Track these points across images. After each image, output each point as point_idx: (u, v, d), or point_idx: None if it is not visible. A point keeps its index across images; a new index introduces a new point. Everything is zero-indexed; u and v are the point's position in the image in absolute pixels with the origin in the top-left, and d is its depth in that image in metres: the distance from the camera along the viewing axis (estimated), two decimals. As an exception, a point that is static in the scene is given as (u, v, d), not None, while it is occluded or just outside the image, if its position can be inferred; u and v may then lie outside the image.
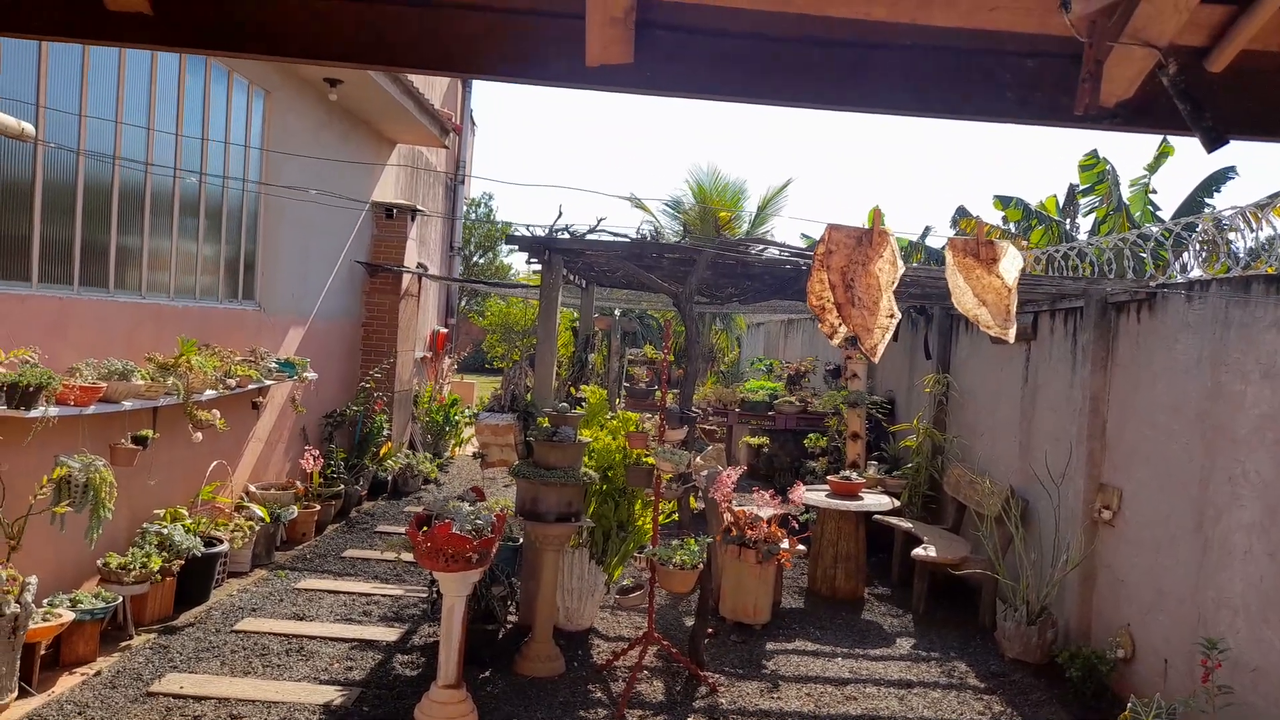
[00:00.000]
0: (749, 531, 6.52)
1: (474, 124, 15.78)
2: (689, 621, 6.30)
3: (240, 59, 6.98)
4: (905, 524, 8.00)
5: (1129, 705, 4.28)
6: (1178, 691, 4.86)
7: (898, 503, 8.16)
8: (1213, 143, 1.59)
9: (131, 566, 5.50)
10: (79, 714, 4.50)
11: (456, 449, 13.16)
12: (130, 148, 6.00)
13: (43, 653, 4.76)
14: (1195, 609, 4.94)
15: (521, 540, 6.37)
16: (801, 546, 7.05)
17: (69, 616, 4.86)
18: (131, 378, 5.51)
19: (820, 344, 13.68)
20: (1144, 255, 6.17)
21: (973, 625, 6.90)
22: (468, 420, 12.86)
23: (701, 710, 5.11)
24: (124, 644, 5.38)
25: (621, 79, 1.95)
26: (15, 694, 4.44)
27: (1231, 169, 11.49)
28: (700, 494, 6.78)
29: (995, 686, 5.71)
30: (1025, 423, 7.22)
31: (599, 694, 5.24)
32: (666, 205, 18.48)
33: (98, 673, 4.97)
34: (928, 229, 15.77)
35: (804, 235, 18.15)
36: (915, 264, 10.06)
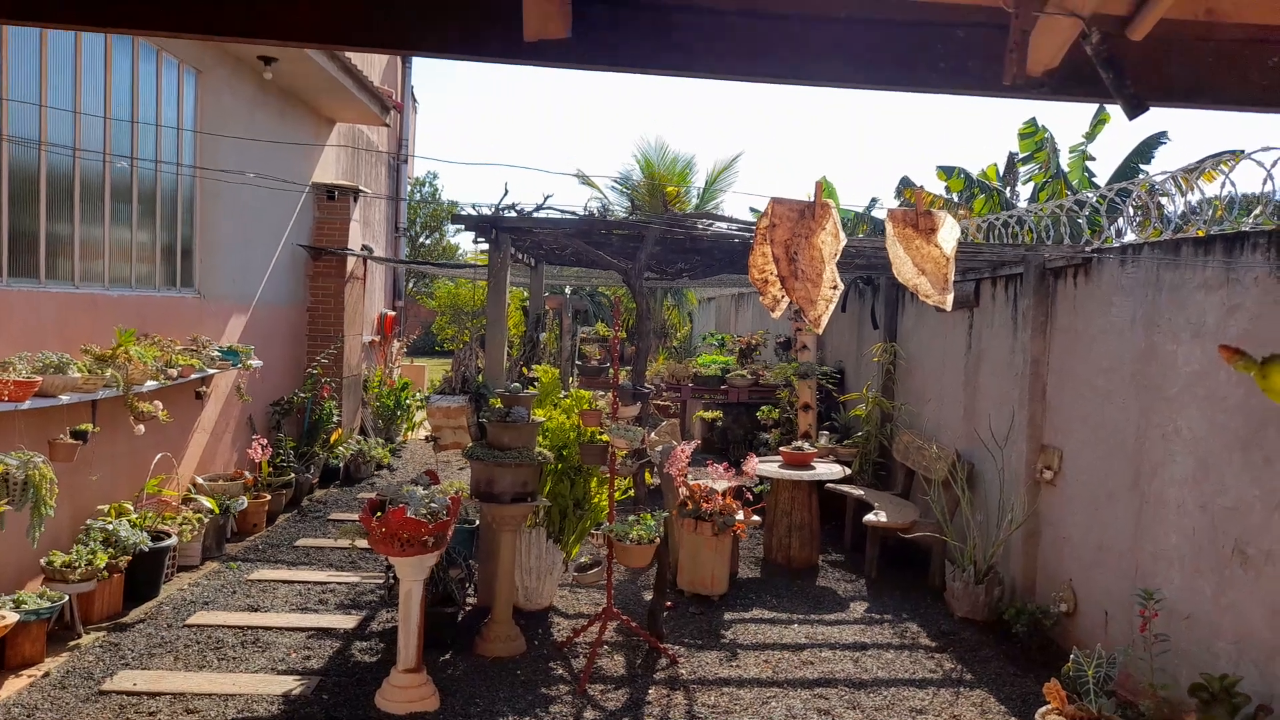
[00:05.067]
0: (704, 504, 6.59)
1: (415, 102, 15.50)
2: (648, 596, 6.37)
3: (168, 38, 6.78)
4: (857, 491, 8.16)
5: (1071, 656, 4.45)
6: (1118, 641, 5.06)
7: (849, 471, 8.31)
8: (1134, 110, 1.64)
9: (77, 564, 5.37)
10: (28, 716, 4.40)
11: (409, 433, 13.04)
12: (56, 132, 5.78)
13: (-14, 655, 4.65)
14: (1133, 562, 5.13)
15: (478, 522, 6.36)
16: (756, 517, 7.15)
17: (13, 618, 4.73)
18: (68, 370, 5.35)
19: (771, 317, 13.80)
20: (1081, 221, 6.33)
21: (923, 587, 7.08)
22: (419, 404, 12.74)
23: (662, 682, 5.18)
24: (73, 643, 5.26)
25: (560, 54, 1.94)
26: (-41, 699, 4.33)
27: (1164, 134, 11.79)
28: (655, 469, 6.82)
29: (946, 645, 5.88)
30: (970, 388, 7.39)
31: (560, 671, 5.28)
32: (615, 181, 18.42)
33: (46, 674, 4.86)
34: (874, 201, 15.95)
35: (752, 209, 18.23)
36: (861, 235, 10.19)
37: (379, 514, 4.63)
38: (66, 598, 5.22)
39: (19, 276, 5.51)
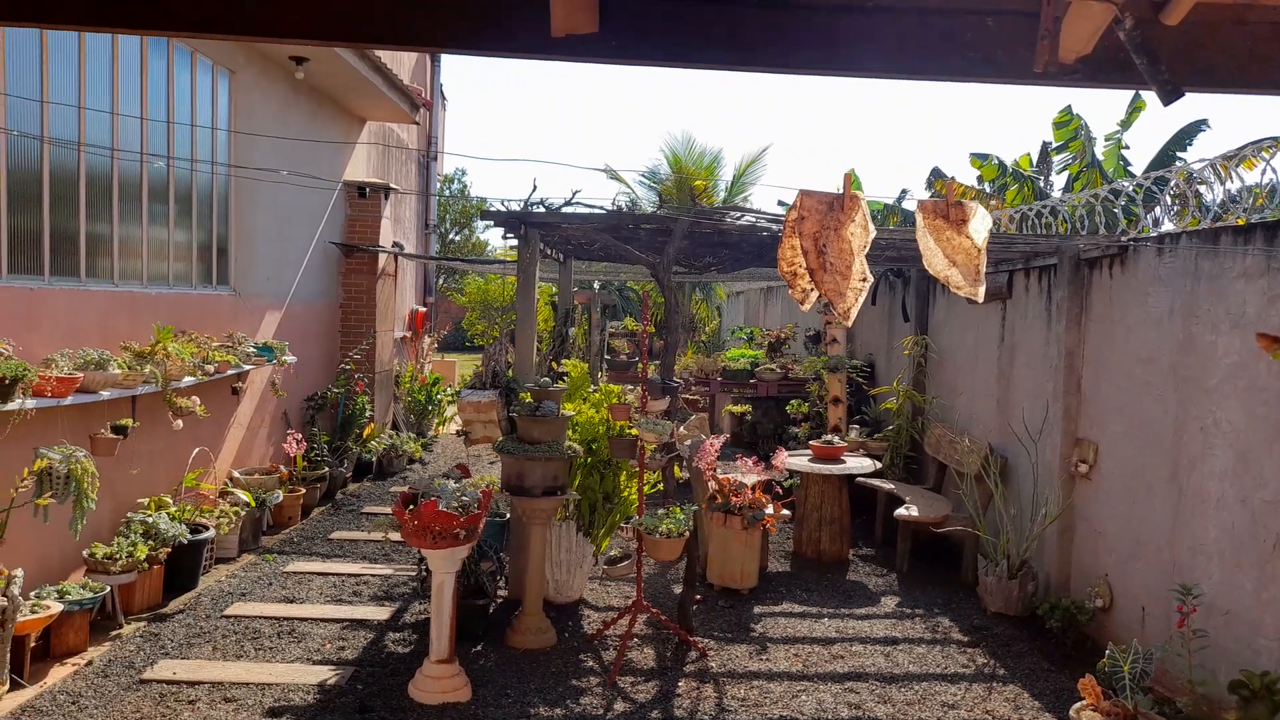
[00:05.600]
0: (734, 498, 6.58)
1: (445, 99, 15.60)
2: (677, 589, 6.38)
3: (200, 39, 6.89)
4: (887, 485, 8.11)
5: (1107, 652, 4.39)
6: (1155, 637, 4.99)
7: (879, 465, 8.26)
8: (1169, 95, 1.61)
9: (118, 556, 5.49)
10: (73, 704, 4.51)
11: (440, 428, 13.16)
12: (94, 133, 5.90)
13: (33, 645, 4.76)
14: (1171, 556, 5.05)
15: (509, 515, 6.41)
16: (786, 511, 7.13)
17: (57, 608, 4.85)
18: (108, 367, 5.47)
19: (799, 310, 13.72)
20: (1116, 211, 6.23)
21: (955, 582, 7.02)
22: (450, 399, 12.85)
23: (692, 674, 5.19)
24: (114, 633, 5.39)
25: (588, 49, 1.95)
26: (7, 686, 4.45)
27: (1203, 122, 11.56)
28: (684, 463, 6.83)
29: (978, 640, 5.83)
30: (1003, 381, 7.31)
31: (591, 663, 5.31)
32: (642, 176, 18.39)
33: (89, 662, 4.98)
34: (904, 192, 15.82)
35: (780, 203, 18.15)
36: (891, 227, 10.10)
37: (411, 507, 4.68)
38: (108, 589, 5.34)
39: (60, 275, 5.64)
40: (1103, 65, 1.74)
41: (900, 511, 7.29)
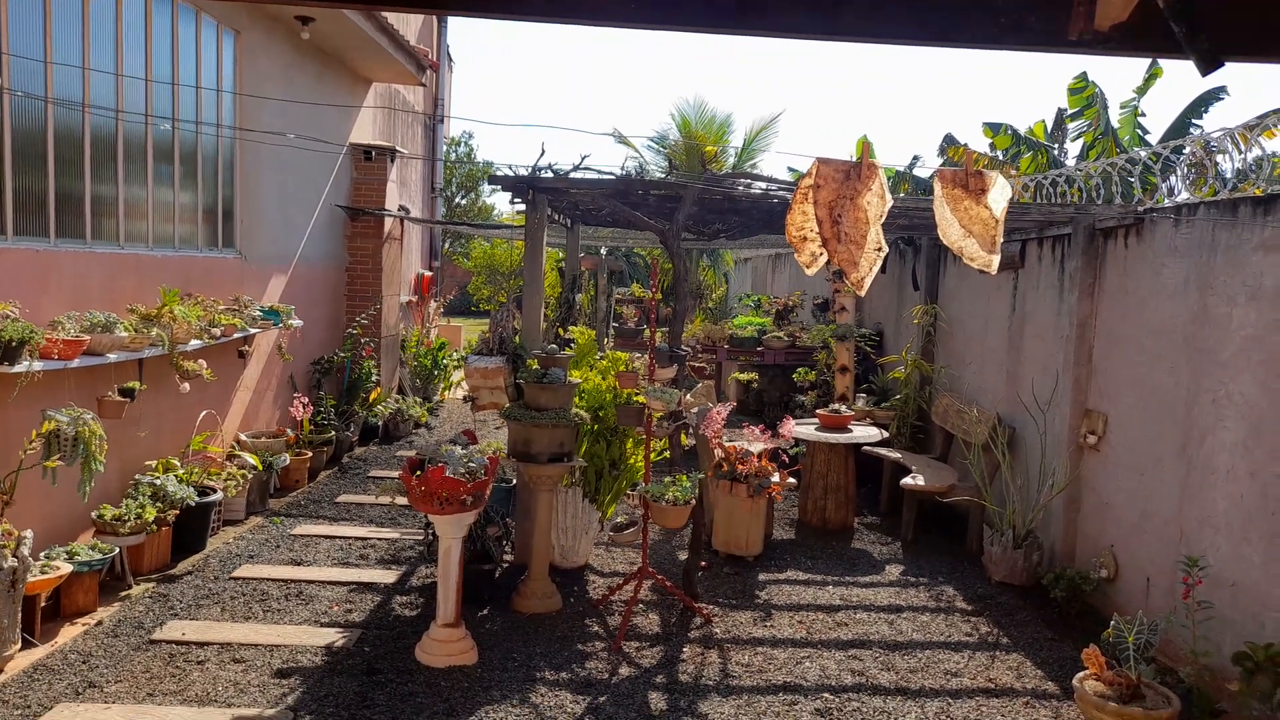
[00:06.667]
0: (740, 466, 6.59)
1: (451, 61, 15.41)
2: (682, 556, 6.41)
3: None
4: (894, 454, 8.10)
5: (1112, 623, 4.40)
6: (1159, 608, 5.00)
7: (886, 434, 8.24)
8: (1208, 65, 1.56)
9: (126, 518, 5.52)
10: (83, 663, 4.56)
11: (446, 393, 13.17)
12: (99, 94, 5.83)
13: (43, 605, 4.80)
14: (1178, 528, 5.05)
15: (515, 481, 6.42)
16: (792, 479, 7.14)
17: (67, 568, 4.89)
18: (115, 329, 5.46)
19: (808, 278, 13.63)
20: (1132, 180, 6.13)
21: (960, 551, 7.04)
22: (456, 364, 12.84)
23: (696, 640, 5.23)
24: (123, 594, 5.43)
25: (606, 12, 1.89)
26: (19, 645, 4.50)
27: (1222, 89, 11.35)
28: (691, 431, 6.82)
29: (982, 609, 5.86)
30: (1013, 351, 7.27)
31: (596, 627, 5.34)
32: (651, 141, 18.20)
33: (99, 622, 5.03)
34: (915, 159, 15.62)
35: (790, 169, 17.96)
36: (903, 194, 9.98)
37: (418, 472, 4.68)
38: (117, 550, 5.38)
39: (66, 237, 5.60)
40: (1139, 33, 1.68)
41: (906, 480, 7.29)
